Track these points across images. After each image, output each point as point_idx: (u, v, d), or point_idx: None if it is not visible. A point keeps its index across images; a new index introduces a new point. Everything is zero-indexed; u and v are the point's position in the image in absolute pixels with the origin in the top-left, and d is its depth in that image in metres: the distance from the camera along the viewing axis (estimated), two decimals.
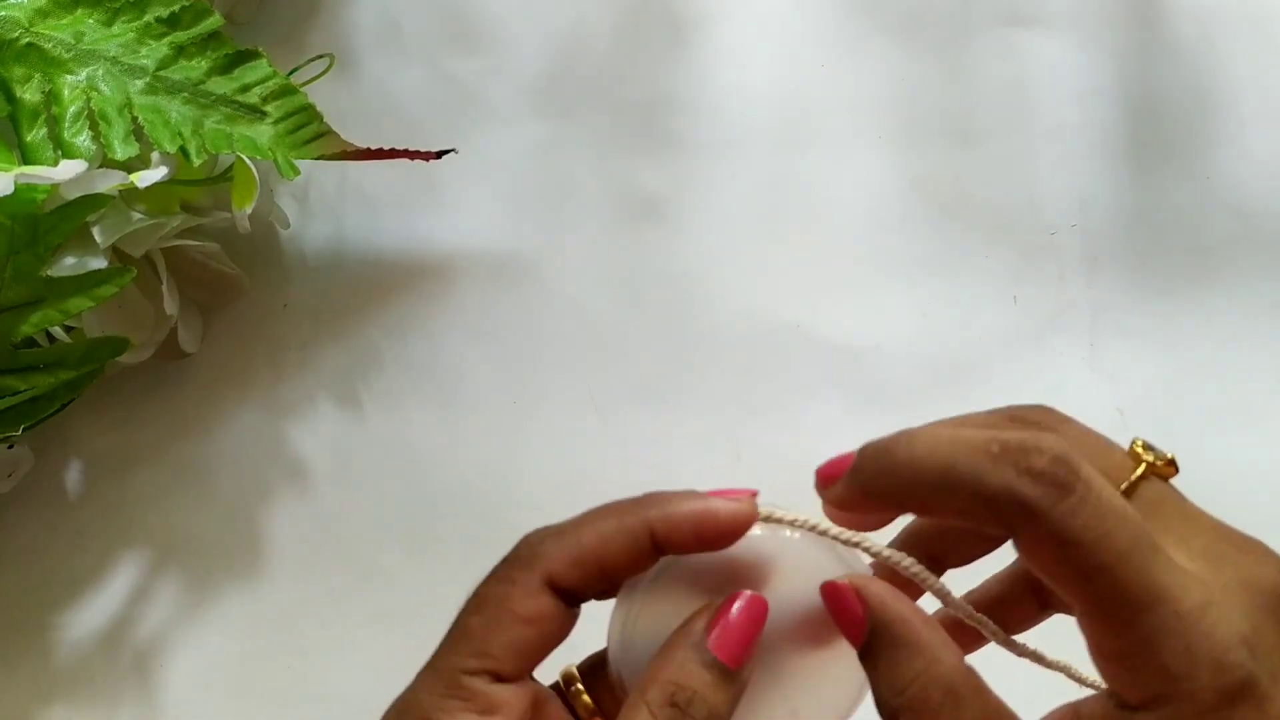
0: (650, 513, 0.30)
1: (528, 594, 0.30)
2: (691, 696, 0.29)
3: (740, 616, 0.30)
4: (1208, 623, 0.27)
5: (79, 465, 0.50)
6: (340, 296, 0.51)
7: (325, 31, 0.53)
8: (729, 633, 0.30)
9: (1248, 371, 0.48)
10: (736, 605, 0.30)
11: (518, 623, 0.30)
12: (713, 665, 0.29)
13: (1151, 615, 0.27)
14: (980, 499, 0.28)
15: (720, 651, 0.29)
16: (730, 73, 0.51)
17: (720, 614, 0.30)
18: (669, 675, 0.29)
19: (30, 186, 0.39)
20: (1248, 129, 0.49)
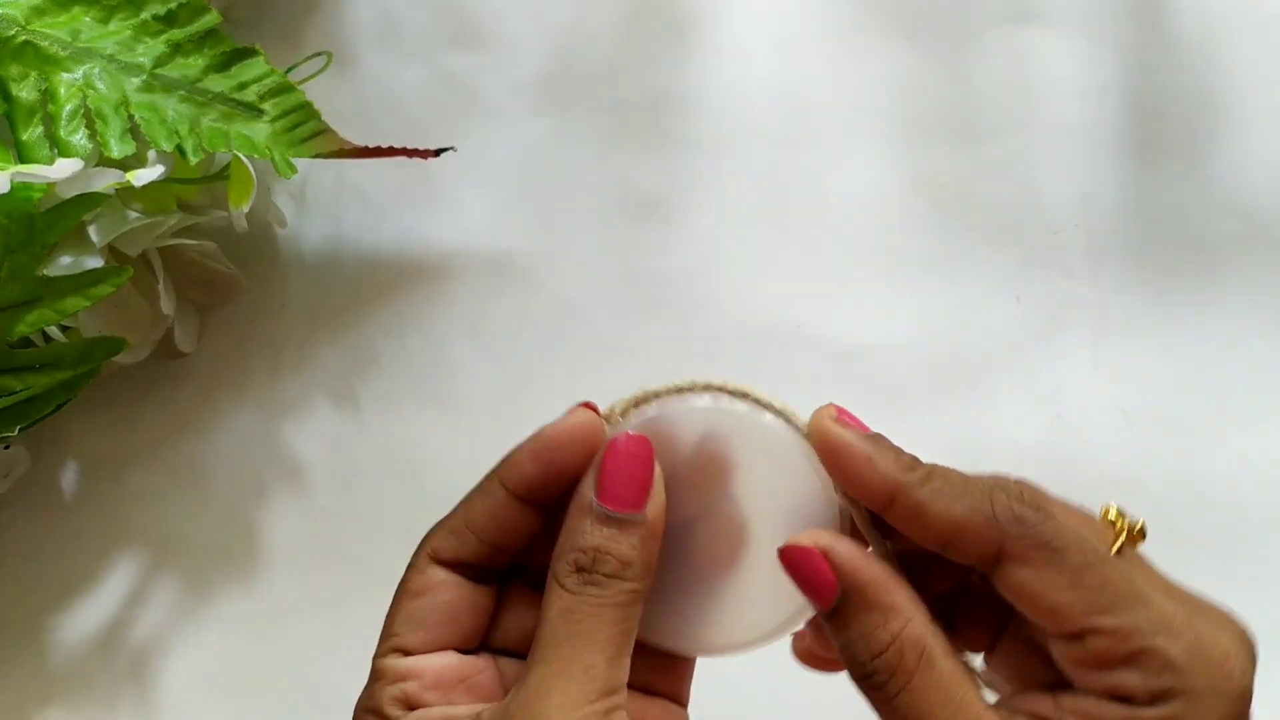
0: (497, 469, 0.32)
1: (417, 573, 0.32)
2: (594, 556, 0.29)
3: (617, 461, 0.30)
4: (1204, 628, 0.28)
5: (75, 465, 0.50)
6: (338, 295, 0.50)
7: (323, 29, 0.53)
8: (610, 480, 0.30)
9: (1251, 371, 0.48)
10: (613, 451, 0.30)
11: (409, 598, 0.32)
12: (608, 519, 0.30)
13: (1147, 610, 0.28)
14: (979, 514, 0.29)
15: (610, 502, 0.30)
16: (731, 71, 0.51)
17: (601, 466, 0.30)
18: (569, 543, 0.30)
19: (26, 185, 0.39)
20: (1251, 128, 0.49)
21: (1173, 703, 0.27)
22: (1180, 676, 0.27)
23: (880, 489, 0.30)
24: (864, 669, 0.29)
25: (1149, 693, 0.28)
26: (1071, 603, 0.28)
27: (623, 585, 0.29)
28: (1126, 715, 0.28)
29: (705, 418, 0.32)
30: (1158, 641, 0.28)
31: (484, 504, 0.32)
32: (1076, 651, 0.29)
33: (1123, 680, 0.28)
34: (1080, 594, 0.28)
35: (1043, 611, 0.28)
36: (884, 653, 0.28)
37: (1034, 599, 0.28)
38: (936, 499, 0.29)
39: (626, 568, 0.29)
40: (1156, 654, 0.27)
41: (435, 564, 0.32)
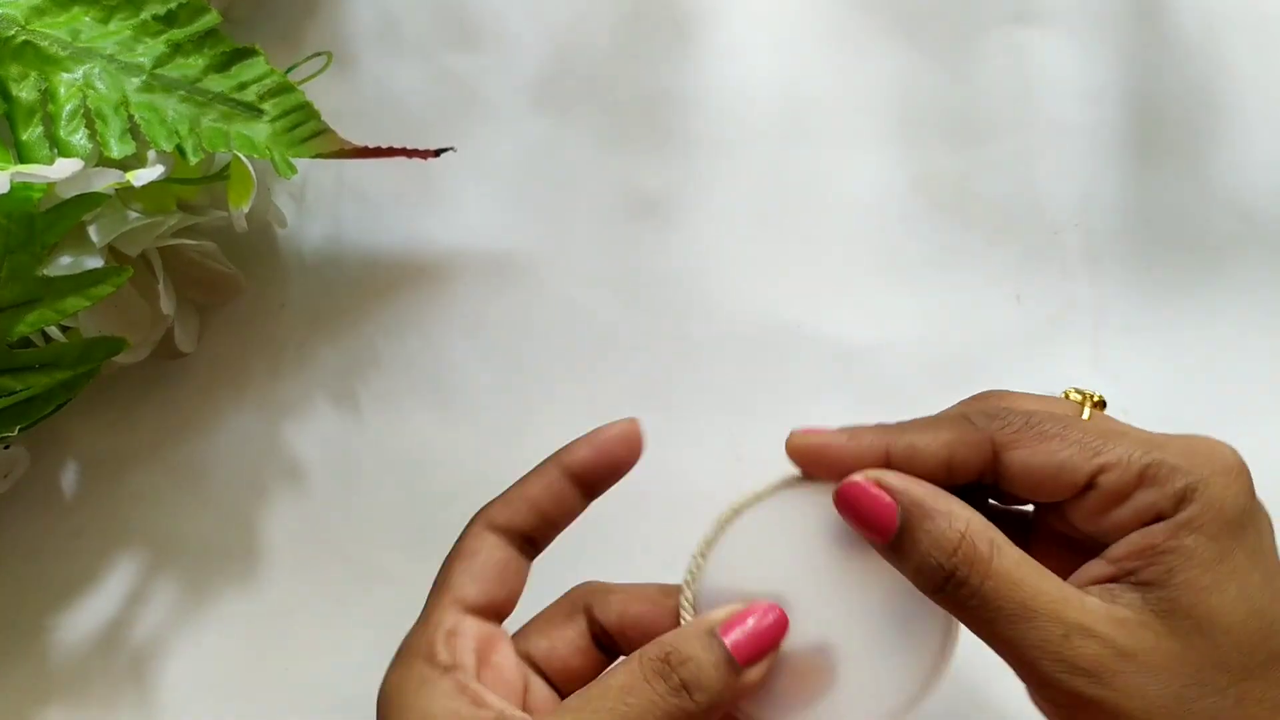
0: (554, 454, 0.36)
1: (473, 537, 0.36)
2: (685, 660, 0.31)
3: (762, 625, 0.32)
4: (1184, 438, 0.31)
5: (75, 466, 0.50)
6: (338, 296, 0.50)
7: (323, 29, 0.53)
8: (747, 636, 0.32)
9: (1252, 370, 0.48)
10: (762, 612, 0.32)
11: (465, 557, 0.35)
12: (718, 648, 0.31)
13: (1131, 438, 0.31)
14: (962, 427, 0.33)
15: (729, 639, 0.31)
16: (731, 70, 0.51)
17: (744, 615, 0.32)
18: (670, 639, 0.31)
19: (26, 185, 0.39)
20: (1252, 128, 0.49)
21: (1196, 498, 0.30)
22: (1188, 474, 0.30)
23: (874, 454, 0.32)
24: (942, 572, 0.30)
25: (1172, 499, 0.30)
26: (1070, 456, 0.31)
27: (685, 699, 0.30)
28: (1168, 528, 0.30)
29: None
30: (1154, 456, 0.30)
31: (538, 479, 0.36)
32: (1094, 500, 0.31)
33: (1144, 500, 0.30)
34: (1073, 448, 0.31)
35: (1050, 478, 0.31)
36: (959, 548, 0.30)
37: (1038, 470, 0.31)
38: (922, 434, 0.32)
39: (698, 690, 0.30)
40: (1159, 466, 0.30)
41: (488, 530, 0.36)
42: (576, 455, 0.36)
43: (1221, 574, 0.29)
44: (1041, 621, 0.29)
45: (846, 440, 0.33)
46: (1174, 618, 0.29)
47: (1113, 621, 0.29)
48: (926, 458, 0.32)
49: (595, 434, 0.36)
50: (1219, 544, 0.29)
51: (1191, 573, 0.29)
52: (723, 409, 0.48)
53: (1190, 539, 0.30)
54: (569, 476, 0.36)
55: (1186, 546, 0.30)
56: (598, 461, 0.36)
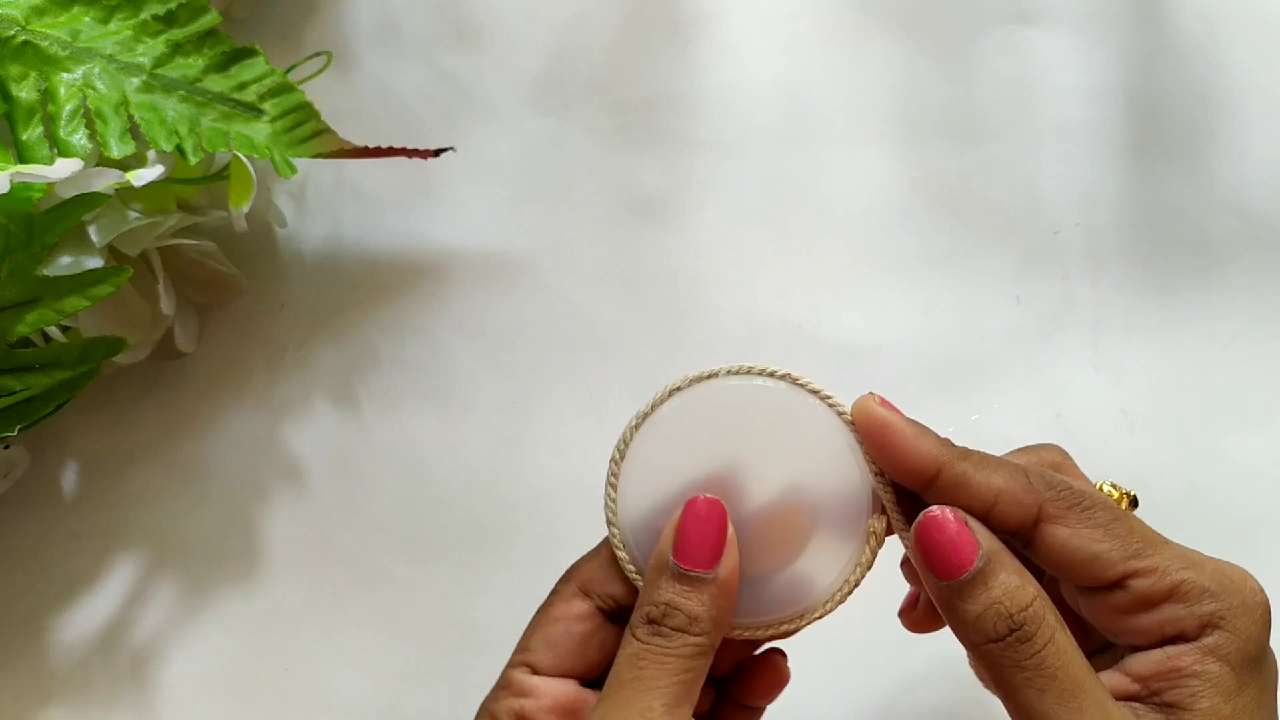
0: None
1: (562, 599, 0.34)
2: (664, 610, 0.31)
3: (692, 523, 0.32)
4: (1215, 561, 0.31)
5: (75, 466, 0.50)
6: (338, 296, 0.50)
7: (323, 29, 0.53)
8: (685, 541, 0.32)
9: (1251, 371, 0.48)
10: (690, 512, 0.32)
11: (549, 622, 0.34)
12: (681, 575, 0.32)
13: (1170, 550, 0.31)
14: (1021, 480, 0.32)
15: (686, 561, 0.32)
16: (731, 71, 0.51)
17: (680, 524, 0.32)
18: (645, 597, 0.32)
19: (26, 185, 0.39)
20: (1251, 128, 0.49)
21: (1223, 625, 0.30)
22: (1217, 600, 0.30)
23: (927, 463, 0.32)
24: (1011, 624, 0.30)
25: (1197, 622, 0.30)
26: (1109, 550, 0.30)
27: (687, 639, 0.31)
28: (1195, 652, 0.30)
29: (748, 395, 0.34)
30: (1188, 574, 0.30)
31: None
32: (1120, 599, 0.31)
33: (1172, 616, 0.30)
34: (1115, 542, 0.31)
35: (1083, 563, 0.31)
36: (1030, 607, 0.30)
37: (1075, 553, 0.31)
38: (979, 469, 0.32)
39: (694, 623, 0.31)
40: (1192, 585, 0.30)
41: (581, 595, 0.34)
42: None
43: (1239, 706, 0.30)
44: (1089, 704, 0.29)
45: (910, 434, 0.33)
46: None
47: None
48: (973, 493, 0.32)
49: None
50: (1239, 676, 0.30)
51: (1215, 700, 0.29)
52: None
53: (1215, 666, 0.30)
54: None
55: (1212, 673, 0.29)
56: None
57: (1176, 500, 0.47)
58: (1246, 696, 0.30)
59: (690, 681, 0.31)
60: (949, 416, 0.48)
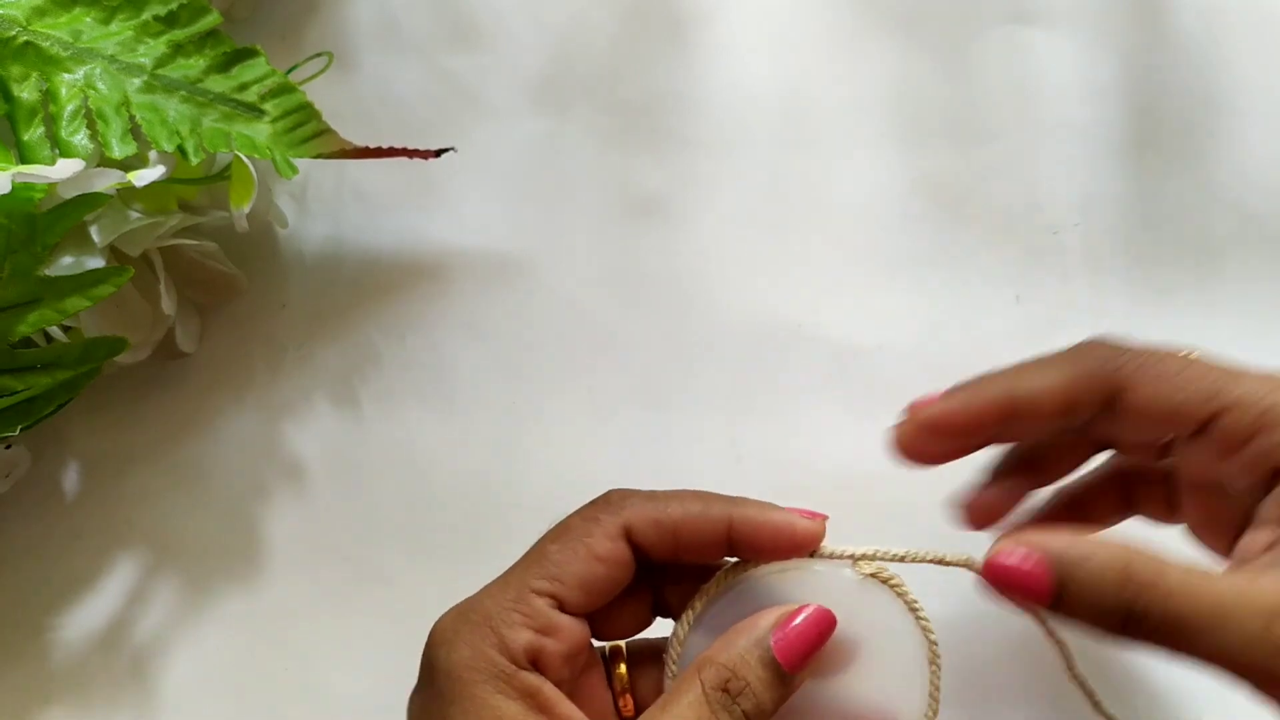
0: (735, 509, 0.33)
1: (607, 535, 0.32)
2: (744, 688, 0.31)
3: (806, 624, 0.32)
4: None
5: (76, 466, 0.50)
6: (338, 296, 0.50)
7: (323, 29, 0.53)
8: (792, 636, 0.32)
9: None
10: (805, 613, 0.32)
11: (592, 559, 0.32)
12: (770, 663, 0.31)
13: (1244, 381, 0.31)
14: (1081, 369, 0.33)
15: (780, 652, 0.31)
16: (731, 70, 0.51)
17: (789, 618, 0.32)
18: (727, 660, 0.31)
19: (28, 185, 0.39)
20: (1251, 128, 0.49)
21: None
22: None
23: (996, 409, 0.34)
24: (1120, 610, 0.29)
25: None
26: (1189, 397, 0.31)
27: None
28: None
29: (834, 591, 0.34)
30: (1270, 399, 0.31)
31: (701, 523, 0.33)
32: (1216, 443, 0.31)
33: (1268, 445, 0.30)
34: (1192, 388, 0.31)
35: (1168, 418, 0.31)
36: (1127, 581, 0.29)
37: (1158, 411, 0.32)
38: (1041, 377, 0.33)
39: (758, 714, 0.31)
40: (1276, 409, 0.30)
41: (625, 539, 0.33)
42: (753, 524, 0.33)
43: None
44: (1238, 620, 0.28)
45: (962, 405, 0.33)
46: None
47: None
48: (1048, 401, 0.33)
49: (783, 518, 0.33)
50: None
51: None
52: (722, 409, 0.48)
53: None
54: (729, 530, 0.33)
55: None
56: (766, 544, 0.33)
57: None
58: None
59: None
60: None
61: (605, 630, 0.35)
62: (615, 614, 0.34)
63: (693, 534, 0.33)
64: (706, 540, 0.33)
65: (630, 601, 0.34)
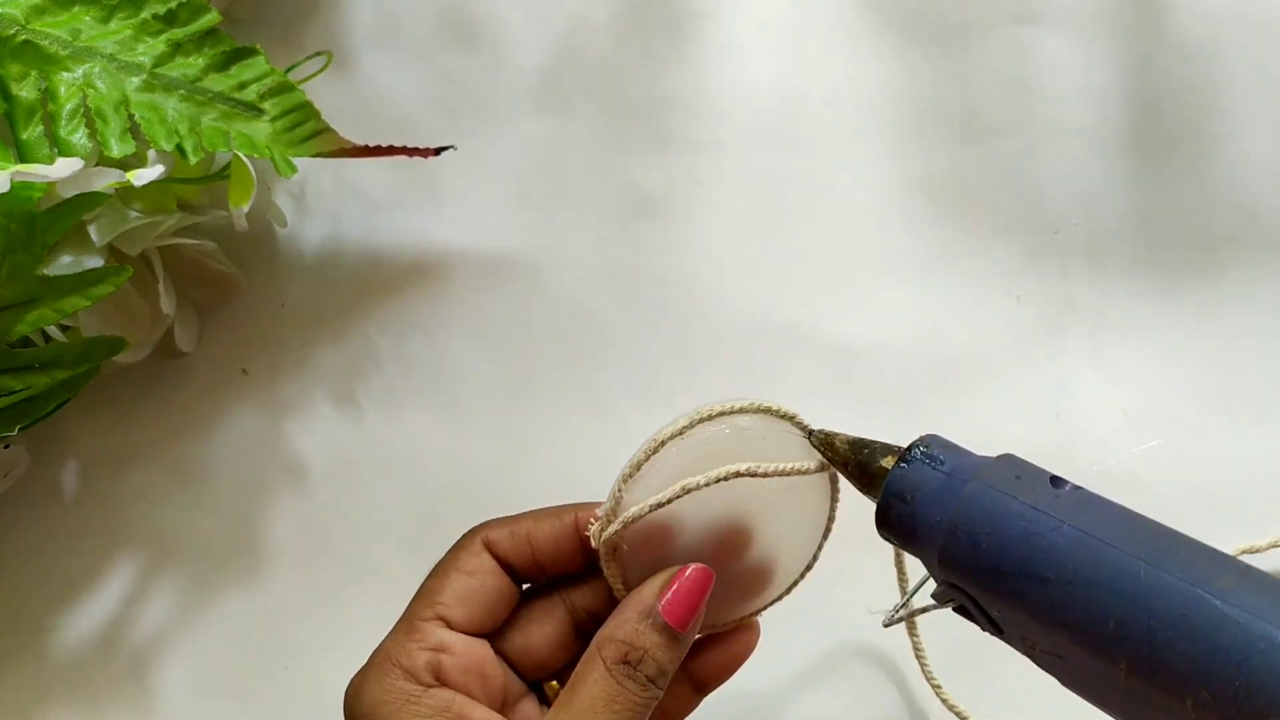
0: (580, 510, 0.37)
1: (470, 555, 0.36)
2: (642, 655, 0.34)
3: (688, 585, 0.35)
4: None
5: (75, 465, 0.50)
6: (338, 295, 0.50)
7: (323, 28, 0.53)
8: (677, 600, 0.35)
9: (1252, 370, 0.48)
10: (685, 575, 0.35)
11: (461, 575, 0.36)
12: (663, 629, 0.34)
13: None
14: None
15: (669, 616, 0.34)
16: (731, 70, 0.51)
17: (671, 584, 0.35)
18: (623, 636, 0.34)
19: (27, 185, 0.39)
20: (1251, 127, 0.49)
21: None
22: None
23: None
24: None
25: None
26: None
27: (654, 690, 0.34)
28: None
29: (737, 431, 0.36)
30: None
31: (550, 525, 0.37)
32: None
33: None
34: None
35: None
36: None
37: None
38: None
39: (661, 676, 0.34)
40: None
41: (488, 553, 0.36)
42: (590, 512, 0.36)
43: None
44: None
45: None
46: None
47: None
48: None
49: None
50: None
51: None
52: None
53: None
54: (576, 525, 0.36)
55: None
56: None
57: (1176, 500, 0.47)
58: None
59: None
60: (949, 416, 0.48)
61: (531, 663, 0.37)
62: (532, 644, 0.37)
63: (544, 536, 0.36)
64: (557, 539, 0.36)
65: (544, 627, 0.37)
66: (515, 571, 0.37)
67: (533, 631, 0.37)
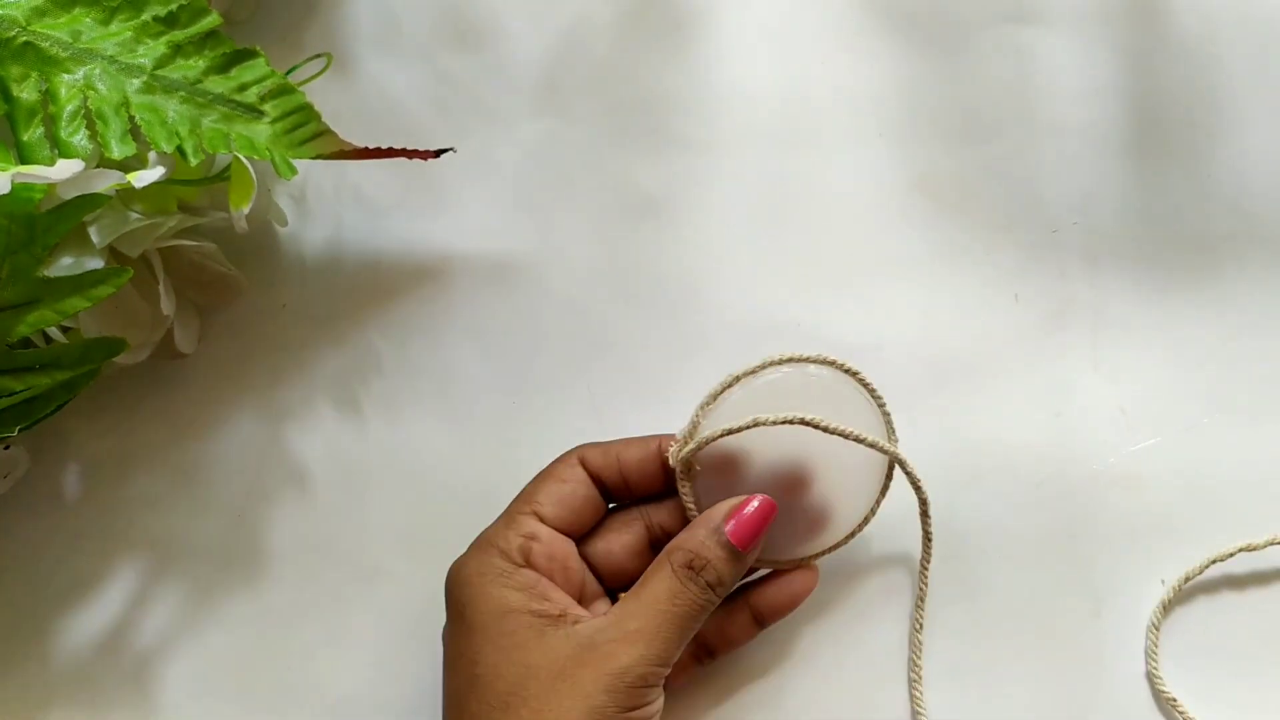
0: (663, 437, 0.42)
1: (566, 466, 0.42)
2: (705, 564, 0.39)
3: (754, 514, 0.40)
4: None
5: (76, 467, 0.50)
6: (338, 297, 0.50)
7: (323, 30, 0.53)
8: (743, 524, 0.40)
9: (1250, 369, 0.48)
10: (752, 504, 0.40)
11: (556, 480, 0.42)
12: (726, 545, 0.40)
13: None
14: None
15: (735, 537, 0.40)
16: (730, 70, 0.51)
17: (739, 508, 0.40)
18: (692, 546, 0.40)
19: (27, 186, 0.39)
20: (1250, 126, 0.49)
21: None
22: None
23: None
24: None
25: None
26: None
27: (712, 595, 0.40)
28: None
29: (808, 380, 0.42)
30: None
31: (637, 450, 0.42)
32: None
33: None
34: None
35: None
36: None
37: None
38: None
39: (720, 585, 0.40)
40: None
41: (581, 465, 0.42)
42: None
43: None
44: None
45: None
46: None
47: None
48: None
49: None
50: None
51: None
52: None
53: None
54: (660, 451, 0.42)
55: None
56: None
57: (1174, 499, 0.47)
58: None
59: (697, 629, 0.40)
60: (948, 415, 0.48)
61: (609, 569, 0.43)
62: (613, 550, 0.42)
63: (632, 457, 0.42)
64: (644, 461, 0.42)
65: (624, 538, 0.42)
66: (604, 487, 0.42)
67: (613, 539, 0.42)
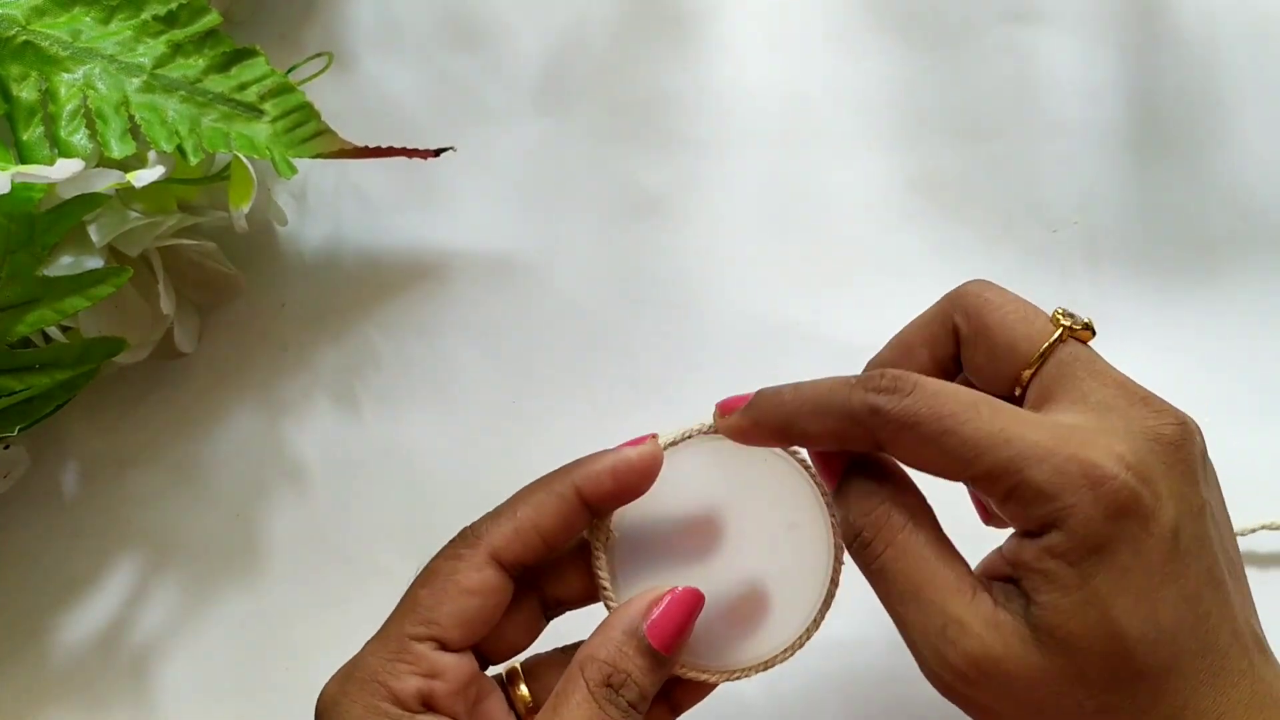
0: (574, 475, 0.34)
1: (473, 568, 0.33)
2: (625, 679, 0.32)
3: (674, 606, 0.33)
4: (1073, 447, 0.29)
5: (75, 466, 0.50)
6: (338, 296, 0.50)
7: (323, 29, 0.53)
8: (663, 620, 0.33)
9: (1251, 369, 0.48)
10: (671, 596, 0.33)
11: (463, 594, 0.33)
12: (646, 650, 0.32)
13: (1009, 447, 0.29)
14: (846, 417, 0.31)
15: (654, 638, 0.33)
16: (730, 70, 0.51)
17: (657, 602, 0.33)
18: (607, 656, 0.32)
19: (27, 185, 0.39)
20: (1250, 126, 0.49)
21: (1057, 526, 0.29)
22: (1051, 501, 0.29)
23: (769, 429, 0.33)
24: (853, 530, 0.32)
25: (1036, 523, 0.29)
26: (946, 466, 0.30)
27: (634, 717, 0.32)
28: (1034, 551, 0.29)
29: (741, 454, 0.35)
30: (1026, 473, 0.29)
31: (555, 508, 0.34)
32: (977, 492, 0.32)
33: (1014, 515, 0.30)
34: (947, 457, 0.30)
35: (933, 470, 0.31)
36: (874, 511, 0.32)
37: (924, 470, 0.31)
38: (809, 420, 0.32)
39: (642, 701, 0.33)
40: (1026, 485, 0.29)
41: (493, 565, 0.34)
42: (599, 484, 0.34)
43: (1081, 599, 0.29)
44: (925, 607, 0.30)
45: (748, 422, 0.34)
46: (1040, 632, 0.29)
47: (991, 624, 0.29)
48: (810, 441, 0.33)
49: (621, 458, 0.34)
50: (1079, 569, 0.29)
51: (1052, 595, 0.29)
52: None
53: (1051, 564, 0.29)
54: (580, 497, 0.34)
55: (1049, 570, 0.29)
56: (617, 496, 0.34)
57: None
58: (1095, 584, 0.29)
59: None
60: None
61: (498, 650, 0.35)
62: (504, 633, 0.35)
63: (552, 521, 0.34)
64: (566, 520, 0.34)
65: (516, 616, 0.35)
66: (526, 570, 0.34)
67: (505, 621, 0.35)
